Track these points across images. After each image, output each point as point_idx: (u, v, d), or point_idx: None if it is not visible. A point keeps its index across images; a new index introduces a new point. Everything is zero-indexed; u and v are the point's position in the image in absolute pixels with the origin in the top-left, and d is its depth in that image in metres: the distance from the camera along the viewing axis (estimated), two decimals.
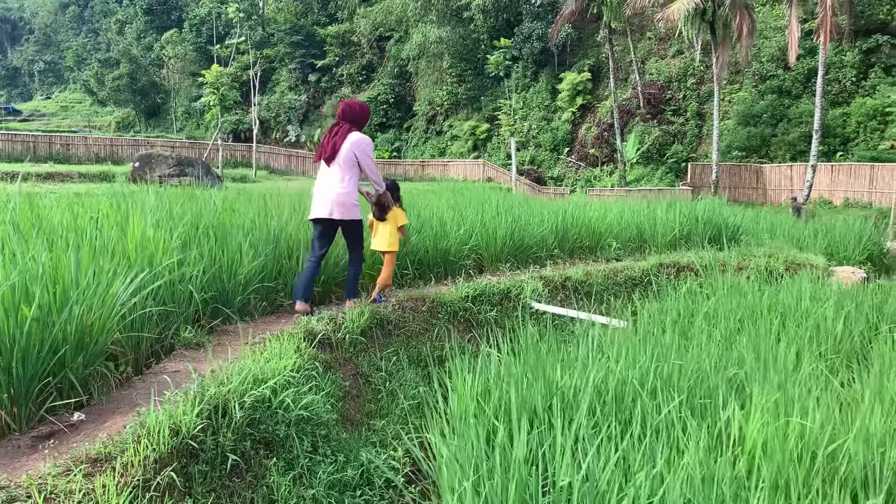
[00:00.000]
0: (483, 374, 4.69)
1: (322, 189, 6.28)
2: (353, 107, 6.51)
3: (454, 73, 52.39)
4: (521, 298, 7.52)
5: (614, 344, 5.80)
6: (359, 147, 6.29)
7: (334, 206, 6.17)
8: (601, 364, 4.82)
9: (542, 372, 4.61)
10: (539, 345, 5.14)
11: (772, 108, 39.14)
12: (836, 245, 11.34)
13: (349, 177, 6.27)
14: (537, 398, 4.23)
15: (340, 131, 6.36)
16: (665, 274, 9.35)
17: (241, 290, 5.58)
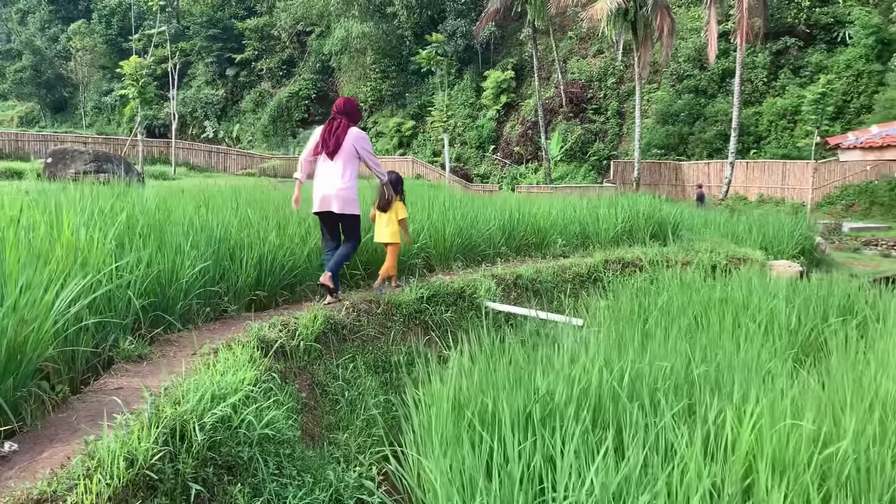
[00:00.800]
0: (454, 381, 4.39)
1: (323, 183, 6.45)
2: (350, 102, 6.75)
3: (378, 70, 51.87)
4: (476, 298, 7.26)
5: (580, 343, 5.61)
6: (359, 141, 6.55)
7: (335, 200, 6.36)
8: (578, 367, 4.60)
9: (520, 378, 4.35)
10: (513, 348, 4.87)
11: (689, 107, 40.30)
12: (770, 239, 11.58)
13: (350, 171, 6.49)
14: (519, 406, 3.97)
15: (341, 126, 6.53)
16: (611, 270, 9.28)
17: (182, 296, 5.10)
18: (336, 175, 6.41)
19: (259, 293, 6.02)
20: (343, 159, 6.44)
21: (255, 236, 6.11)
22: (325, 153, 6.49)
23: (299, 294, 6.46)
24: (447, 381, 4.31)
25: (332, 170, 6.44)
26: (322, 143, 6.54)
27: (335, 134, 6.48)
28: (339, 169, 6.43)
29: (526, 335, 6.93)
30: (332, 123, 6.58)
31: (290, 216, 7.01)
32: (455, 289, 7.14)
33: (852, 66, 37.44)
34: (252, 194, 8.96)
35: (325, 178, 6.45)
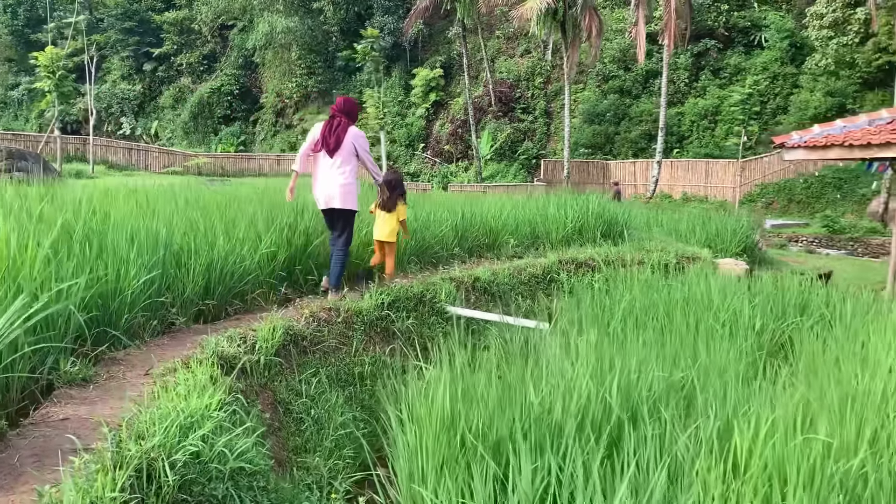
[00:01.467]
0: (441, 398, 4.05)
1: (325, 180, 6.70)
2: (349, 102, 7.04)
3: (304, 66, 50.74)
4: (437, 303, 6.93)
5: (555, 350, 5.36)
6: (358, 140, 6.83)
7: (336, 196, 6.62)
8: (567, 378, 4.34)
9: (509, 391, 4.05)
10: (492, 359, 4.57)
11: (614, 107, 40.98)
12: (713, 237, 11.68)
13: (350, 168, 6.75)
14: (517, 424, 3.67)
15: (341, 125, 6.77)
16: (566, 270, 9.10)
17: (127, 309, 4.58)
18: (336, 172, 6.67)
19: (208, 303, 5.52)
20: (343, 157, 6.70)
21: (203, 241, 5.61)
22: (326, 151, 6.73)
23: (251, 303, 5.99)
24: (433, 398, 3.96)
25: (333, 167, 6.69)
26: (322, 142, 6.76)
27: (335, 132, 6.70)
28: (340, 166, 6.68)
29: (490, 341, 6.65)
30: (332, 122, 6.80)
31: (239, 218, 6.52)
32: (415, 294, 6.79)
33: (768, 68, 38.79)
34: (188, 194, 8.36)
35: (326, 176, 6.71)
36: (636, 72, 41.91)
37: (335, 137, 6.70)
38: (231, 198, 7.91)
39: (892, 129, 9.09)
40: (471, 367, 4.80)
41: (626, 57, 42.60)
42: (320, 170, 6.77)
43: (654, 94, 41.24)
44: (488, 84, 45.09)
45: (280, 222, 6.44)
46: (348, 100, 7.05)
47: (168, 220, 5.86)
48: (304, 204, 7.23)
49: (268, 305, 6.05)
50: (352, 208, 6.73)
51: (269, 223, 6.38)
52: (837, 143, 9.23)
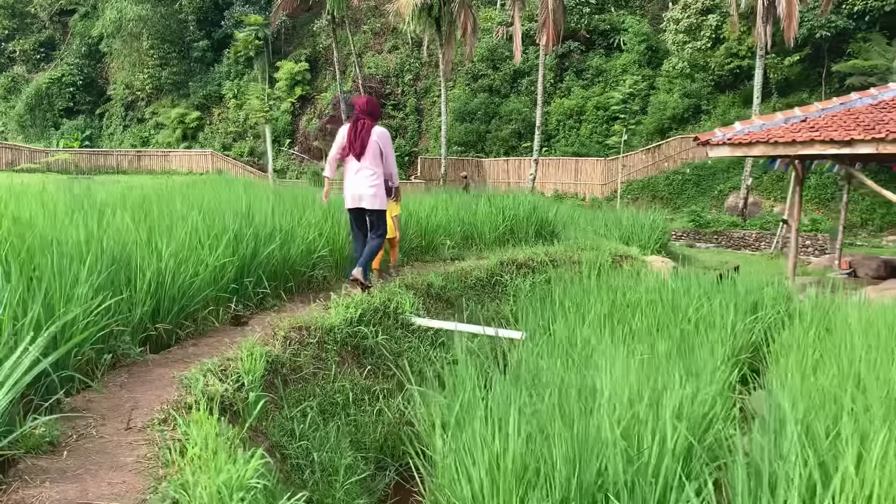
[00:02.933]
0: (489, 435, 3.42)
1: (354, 182, 6.86)
2: (372, 102, 7.11)
3: (157, 56, 47.44)
4: (401, 314, 6.22)
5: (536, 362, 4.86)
6: (382, 139, 6.93)
7: (367, 197, 6.78)
8: (609, 404, 3.84)
9: (566, 420, 3.49)
10: (540, 382, 3.99)
11: (485, 105, 41.32)
12: (629, 235, 11.66)
13: (377, 168, 6.87)
14: (605, 469, 3.11)
15: (365, 127, 6.84)
16: (507, 272, 8.65)
17: (79, 344, 3.58)
18: (365, 174, 6.81)
19: (159, 326, 4.54)
20: (370, 158, 6.82)
21: (147, 253, 4.61)
22: (353, 155, 6.84)
23: (202, 323, 5.02)
24: (497, 439, 3.32)
25: (361, 169, 6.82)
26: (349, 146, 6.88)
27: (360, 135, 6.80)
28: (367, 168, 6.81)
29: (459, 352, 6.05)
30: (357, 124, 6.87)
31: (177, 225, 5.50)
32: (377, 305, 6.05)
33: (628, 70, 40.48)
34: (85, 196, 7.11)
35: (355, 178, 6.85)
36: (504, 71, 42.52)
37: (360, 141, 6.80)
38: (142, 199, 6.80)
39: (812, 128, 9.37)
40: (485, 388, 4.21)
41: (494, 56, 43.10)
42: (349, 172, 6.92)
43: (523, 94, 42.01)
44: (357, 80, 44.12)
45: (224, 228, 5.50)
46: (370, 100, 7.12)
47: (125, 235, 4.80)
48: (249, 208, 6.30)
49: (220, 325, 5.13)
50: (382, 207, 6.91)
51: (210, 230, 5.43)
52: (762, 140, 9.41)
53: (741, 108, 36.11)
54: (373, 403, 5.00)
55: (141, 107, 48.51)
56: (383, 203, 6.93)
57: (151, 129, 47.21)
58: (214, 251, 5.10)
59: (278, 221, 6.36)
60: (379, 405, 5.01)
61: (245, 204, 6.17)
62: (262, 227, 6.15)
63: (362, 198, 6.80)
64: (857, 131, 8.72)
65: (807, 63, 34.59)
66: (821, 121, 9.61)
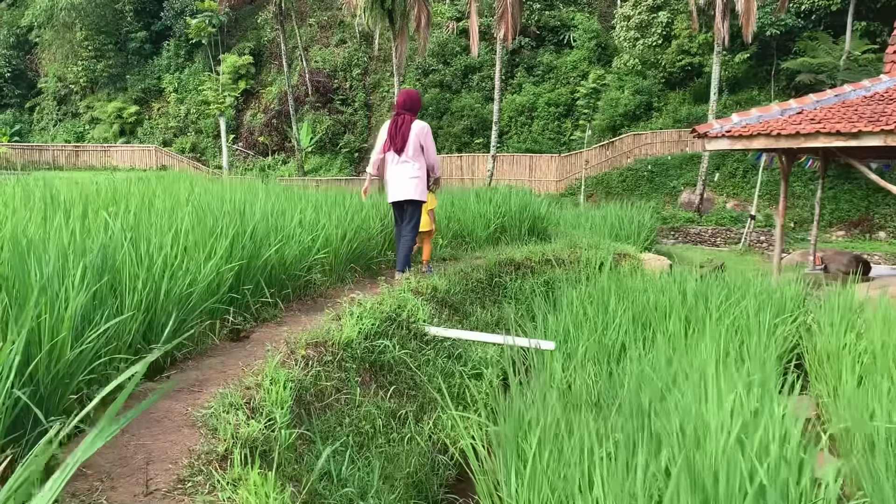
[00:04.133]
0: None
1: (398, 177, 6.95)
2: (411, 97, 7.10)
3: (91, 48, 45.22)
4: (413, 324, 5.53)
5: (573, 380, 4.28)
6: (423, 133, 7.01)
7: (409, 189, 6.89)
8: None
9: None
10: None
11: (436, 101, 40.67)
12: (618, 232, 11.18)
13: (419, 162, 6.98)
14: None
15: (406, 122, 6.92)
16: (506, 273, 8.04)
17: (69, 377, 2.79)
18: (406, 167, 6.90)
19: (156, 348, 3.76)
20: (411, 153, 6.90)
21: (135, 256, 3.81)
22: (394, 150, 6.93)
23: (199, 340, 4.23)
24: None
25: (403, 164, 6.91)
26: (390, 142, 6.96)
27: (401, 131, 6.88)
28: (409, 162, 6.91)
29: (481, 364, 5.43)
30: (397, 120, 6.95)
31: (162, 224, 4.68)
32: (387, 313, 5.34)
33: (578, 66, 40.46)
34: (37, 191, 6.19)
35: (398, 173, 6.94)
36: (455, 66, 42.00)
37: (401, 136, 6.87)
38: (112, 197, 5.94)
39: (813, 119, 9.04)
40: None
41: (444, 51, 42.53)
42: (392, 168, 6.99)
43: (474, 90, 41.55)
44: (304, 73, 42.94)
45: (217, 228, 4.71)
46: (410, 94, 7.12)
47: (117, 231, 3.95)
48: (243, 205, 5.50)
49: (221, 342, 4.36)
50: (422, 199, 6.99)
51: (203, 231, 4.63)
52: (763, 133, 9.03)
53: (692, 104, 36.40)
54: (400, 430, 4.31)
55: (75, 100, 46.24)
56: (423, 195, 7.00)
57: (86, 124, 45.03)
58: (212, 256, 4.31)
59: (276, 220, 5.58)
60: (408, 431, 4.32)
61: (237, 200, 5.35)
62: (259, 225, 5.36)
63: (405, 190, 6.87)
64: (861, 123, 8.43)
65: (754, 61, 35.04)
66: (820, 113, 9.32)
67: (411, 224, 6.96)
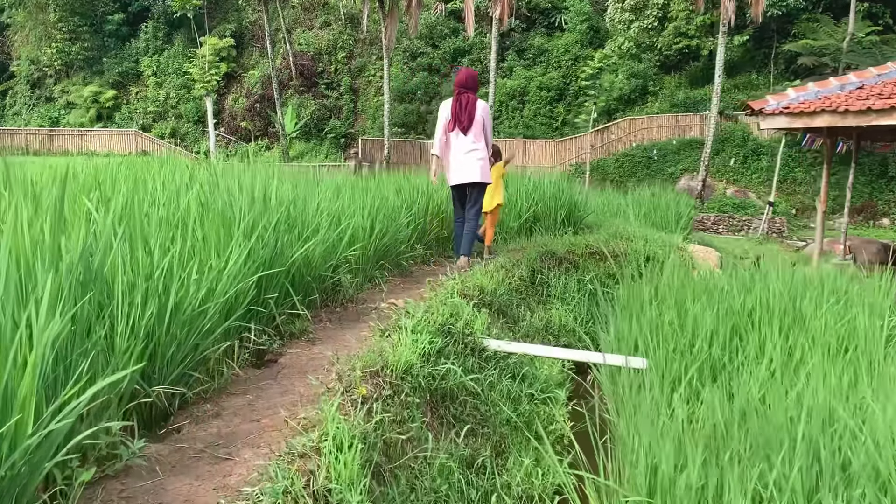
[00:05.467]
0: None
1: (462, 157, 6.62)
2: (472, 75, 6.86)
3: (66, 29, 43.34)
4: (468, 336, 4.47)
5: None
6: (486, 113, 6.87)
7: (476, 171, 6.54)
8: None
9: None
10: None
11: (424, 85, 39.40)
12: (653, 219, 10.15)
13: (482, 142, 6.66)
14: None
15: (470, 100, 6.66)
16: (548, 268, 7.01)
17: (33, 472, 1.73)
18: (473, 147, 6.58)
19: (155, 388, 2.67)
20: (476, 132, 6.61)
21: (130, 261, 2.72)
22: (460, 129, 6.65)
23: (214, 370, 3.15)
24: None
25: (468, 143, 6.59)
26: (455, 121, 6.70)
27: (467, 109, 6.62)
28: (474, 141, 6.59)
29: (548, 384, 4.41)
30: (461, 99, 6.72)
31: (154, 208, 3.58)
32: (439, 325, 4.28)
33: (570, 50, 39.40)
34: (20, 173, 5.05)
35: (462, 152, 6.61)
36: (444, 49, 40.76)
37: (467, 114, 6.61)
38: (93, 179, 4.82)
39: (881, 94, 8.08)
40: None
41: (433, 34, 41.25)
42: (456, 147, 6.68)
43: None
44: (288, 56, 41.47)
45: (238, 218, 3.62)
46: (469, 72, 6.88)
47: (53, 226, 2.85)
48: (265, 190, 4.39)
49: (243, 370, 3.29)
50: (487, 181, 6.66)
51: (216, 221, 3.54)
52: (828, 109, 8.07)
53: (688, 88, 35.49)
54: (479, 484, 3.28)
55: (49, 84, 44.41)
56: (488, 176, 6.66)
57: (61, 109, 43.26)
58: (232, 257, 3.23)
59: (298, 210, 4.49)
60: (489, 485, 3.29)
61: (248, 184, 4.21)
62: (282, 215, 4.26)
63: (471, 172, 6.52)
64: None
65: (752, 44, 34.17)
66: (887, 88, 8.37)
67: (476, 207, 6.59)
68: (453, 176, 6.70)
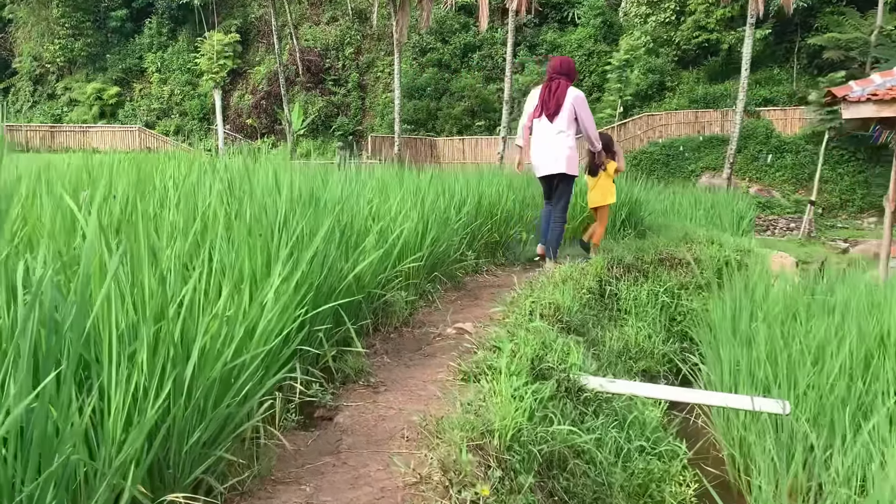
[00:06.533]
0: None
1: (546, 145, 6.23)
2: (567, 62, 6.55)
3: (69, 25, 42.40)
4: (564, 372, 3.50)
5: None
6: (578, 102, 6.27)
7: (559, 161, 6.12)
8: None
9: None
10: None
11: (434, 81, 38.40)
12: (714, 221, 9.15)
13: (572, 131, 6.20)
14: None
15: (560, 87, 6.25)
16: (615, 277, 6.05)
17: None
18: (558, 136, 6.14)
19: (167, 498, 1.72)
20: (563, 120, 6.15)
21: (132, 282, 1.78)
22: (546, 115, 6.24)
23: (251, 441, 2.19)
24: None
25: (553, 131, 6.16)
26: (542, 106, 6.31)
27: (555, 95, 6.21)
28: (562, 131, 6.13)
29: (659, 434, 3.44)
30: (551, 85, 6.35)
31: (162, 223, 2.61)
32: (531, 361, 3.30)
33: (583, 45, 38.39)
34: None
35: (546, 141, 6.22)
36: (454, 45, 39.77)
37: (555, 101, 6.17)
38: (85, 175, 3.87)
39: None
40: None
41: (443, 28, 40.26)
42: (539, 134, 6.28)
43: (474, 69, 39.34)
44: (294, 52, 40.49)
45: (279, 229, 2.63)
46: (565, 60, 6.57)
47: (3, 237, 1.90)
48: (313, 190, 3.41)
49: (287, 435, 2.34)
50: (573, 173, 6.19)
51: (247, 226, 2.57)
52: None
53: (707, 84, 34.45)
54: None
55: (52, 81, 43.51)
56: (573, 168, 6.17)
57: (64, 106, 42.36)
58: (274, 281, 2.26)
59: (349, 215, 3.50)
60: None
61: (297, 182, 3.20)
62: (333, 220, 3.27)
63: (555, 162, 6.06)
64: None
65: (773, 38, 33.10)
66: None
67: (562, 203, 6.15)
68: (537, 165, 6.29)
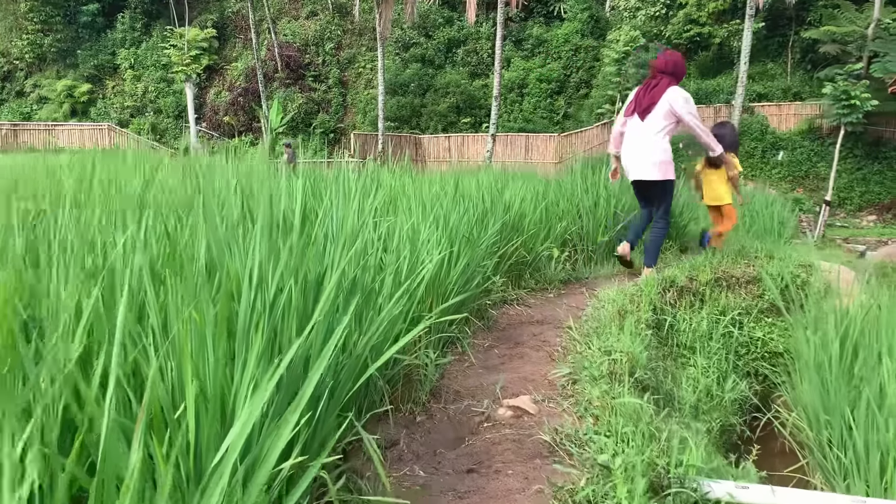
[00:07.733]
0: None
1: (635, 147, 5.69)
2: (673, 59, 5.81)
3: (37, 20, 40.73)
4: (671, 478, 2.44)
5: None
6: (677, 101, 5.54)
7: (647, 166, 5.61)
8: None
9: None
10: None
11: (418, 77, 37.31)
12: (752, 227, 8.13)
13: (665, 133, 5.60)
14: None
15: (660, 84, 5.67)
16: (668, 302, 5.02)
17: None
18: (650, 138, 5.54)
19: None
20: (657, 120, 5.53)
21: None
22: (637, 113, 5.66)
23: None
24: None
25: (645, 131, 5.58)
26: (635, 103, 5.72)
27: (651, 92, 5.63)
28: (653, 130, 5.53)
29: None
30: (650, 82, 5.72)
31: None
32: (642, 468, 2.26)
33: (570, 40, 37.53)
34: None
35: (637, 142, 5.65)
36: (438, 40, 38.70)
37: (650, 97, 5.55)
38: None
39: None
40: None
41: (426, 23, 39.17)
42: (630, 136, 5.67)
43: (458, 64, 38.31)
44: (273, 47, 39.18)
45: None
46: (672, 56, 5.76)
47: None
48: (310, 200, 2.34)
49: None
50: (670, 178, 5.62)
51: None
52: None
53: (698, 79, 33.63)
54: None
55: (20, 78, 41.84)
56: (666, 173, 5.56)
57: (33, 104, 40.72)
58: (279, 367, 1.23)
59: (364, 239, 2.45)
60: None
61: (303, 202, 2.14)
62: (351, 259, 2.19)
63: (646, 167, 5.55)
64: None
65: (765, 32, 32.35)
66: None
67: (663, 207, 5.70)
68: (627, 167, 5.74)
